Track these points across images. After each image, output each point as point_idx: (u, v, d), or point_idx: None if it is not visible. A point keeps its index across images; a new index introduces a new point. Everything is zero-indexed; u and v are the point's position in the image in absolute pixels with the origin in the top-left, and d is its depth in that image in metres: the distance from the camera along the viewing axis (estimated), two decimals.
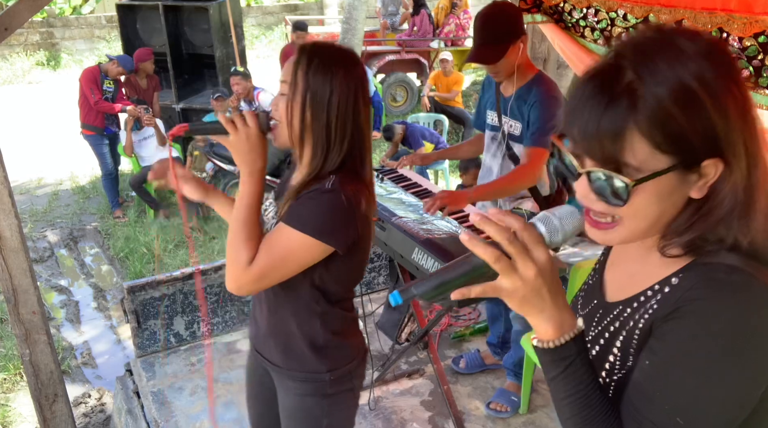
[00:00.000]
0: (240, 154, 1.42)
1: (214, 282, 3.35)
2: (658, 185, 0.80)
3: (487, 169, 2.75)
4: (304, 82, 1.39)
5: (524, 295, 0.84)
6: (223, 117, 1.41)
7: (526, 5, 2.77)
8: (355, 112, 1.42)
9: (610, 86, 0.79)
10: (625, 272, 0.98)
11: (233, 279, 1.43)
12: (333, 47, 1.46)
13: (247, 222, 1.42)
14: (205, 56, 7.07)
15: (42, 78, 11.95)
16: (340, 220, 1.40)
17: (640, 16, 2.29)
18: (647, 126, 0.77)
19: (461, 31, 10.10)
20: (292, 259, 1.41)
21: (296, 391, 1.62)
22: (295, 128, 1.42)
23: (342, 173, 1.43)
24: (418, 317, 2.64)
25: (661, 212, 0.84)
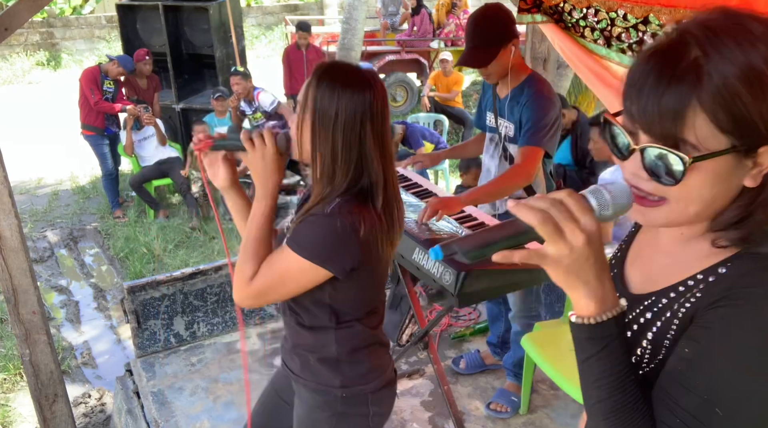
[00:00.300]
0: (256, 172, 1.44)
1: (215, 282, 3.35)
2: (714, 166, 0.78)
3: (486, 170, 2.76)
4: (312, 102, 1.39)
5: (569, 264, 0.80)
6: (245, 134, 1.43)
7: (526, 5, 2.77)
8: (362, 135, 1.39)
9: (674, 62, 0.77)
10: (655, 264, 0.94)
11: (236, 291, 1.47)
12: (347, 68, 1.44)
13: (257, 239, 1.45)
14: (205, 56, 7.07)
15: (42, 78, 11.95)
16: (335, 245, 1.39)
17: (640, 16, 2.29)
18: (711, 103, 0.75)
19: (461, 31, 10.10)
20: (290, 280, 1.43)
21: (309, 401, 1.63)
22: (305, 148, 1.43)
23: (347, 198, 1.41)
24: (419, 317, 2.64)
25: (713, 196, 0.81)
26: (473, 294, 2.06)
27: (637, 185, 0.83)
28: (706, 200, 0.81)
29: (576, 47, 2.72)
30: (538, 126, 2.39)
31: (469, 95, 10.09)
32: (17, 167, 7.45)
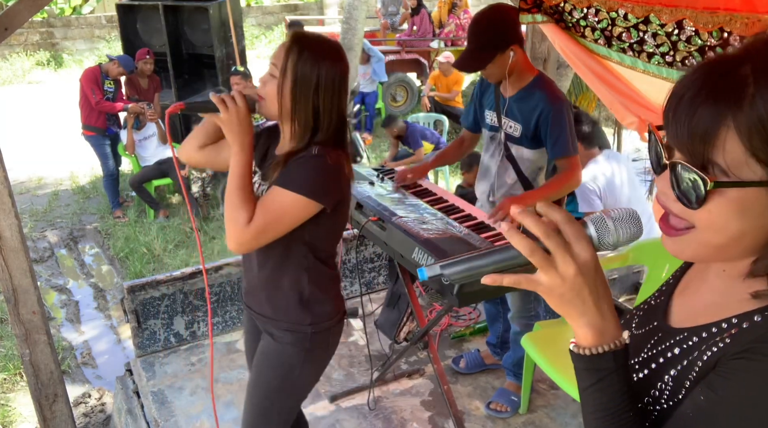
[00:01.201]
0: (231, 129, 1.57)
1: (215, 282, 3.35)
2: (743, 196, 0.72)
3: (485, 168, 2.74)
4: (294, 68, 1.57)
5: (562, 294, 0.78)
6: (215, 96, 1.57)
7: (526, 5, 2.77)
8: (340, 99, 1.63)
9: (718, 76, 0.72)
10: (700, 299, 0.88)
11: (234, 238, 1.59)
12: (322, 39, 1.65)
13: (242, 188, 1.59)
14: (205, 56, 7.07)
15: (42, 78, 11.96)
16: (328, 180, 1.61)
17: (640, 15, 2.29)
18: (747, 127, 0.69)
19: (461, 31, 10.10)
20: (287, 217, 1.59)
21: (279, 339, 1.78)
22: (286, 107, 1.61)
23: (324, 143, 1.62)
24: (418, 317, 2.64)
25: (742, 231, 0.74)
26: (473, 294, 2.06)
27: (665, 204, 0.79)
28: (733, 233, 0.75)
29: (577, 47, 2.72)
30: (570, 134, 2.43)
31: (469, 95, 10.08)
32: (17, 167, 7.46)
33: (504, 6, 2.49)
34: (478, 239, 2.29)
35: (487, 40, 2.39)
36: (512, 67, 2.43)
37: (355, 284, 3.71)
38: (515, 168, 2.59)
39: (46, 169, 7.66)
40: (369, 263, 3.76)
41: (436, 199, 2.67)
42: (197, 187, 6.21)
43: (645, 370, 0.87)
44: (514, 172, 2.59)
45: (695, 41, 2.17)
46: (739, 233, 0.75)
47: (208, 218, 6.15)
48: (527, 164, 2.57)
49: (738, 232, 0.75)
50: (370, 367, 2.83)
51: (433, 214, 2.50)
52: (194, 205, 6.15)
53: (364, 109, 8.60)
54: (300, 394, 1.88)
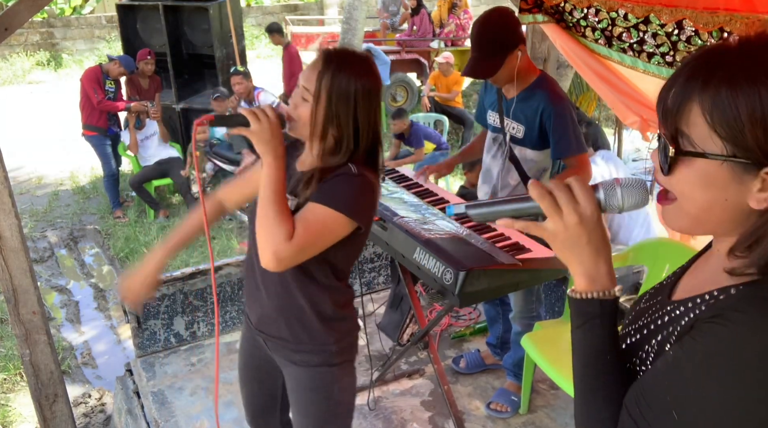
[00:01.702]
0: (263, 141, 1.52)
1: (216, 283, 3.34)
2: (707, 168, 0.80)
3: (486, 169, 2.74)
4: (329, 91, 1.53)
5: (564, 241, 0.89)
6: (246, 109, 1.53)
7: (527, 5, 2.77)
8: (376, 114, 1.60)
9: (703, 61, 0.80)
10: (697, 277, 0.96)
11: (273, 253, 1.51)
12: (351, 54, 1.60)
13: (278, 201, 1.53)
14: (205, 56, 7.07)
15: (42, 78, 11.95)
16: (367, 201, 1.59)
17: (641, 15, 2.29)
18: (710, 105, 0.77)
19: (461, 31, 10.10)
20: (327, 235, 1.55)
21: (306, 363, 1.74)
22: (318, 129, 1.57)
23: (358, 161, 1.59)
24: (419, 317, 2.64)
25: (709, 203, 0.82)
26: (474, 294, 2.06)
27: (657, 178, 0.88)
28: (701, 204, 0.83)
29: (578, 47, 2.72)
30: (575, 134, 2.43)
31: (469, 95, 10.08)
32: (17, 167, 7.46)
33: (503, 9, 2.48)
34: (479, 239, 2.29)
35: (494, 46, 2.39)
36: (520, 66, 2.43)
37: (356, 284, 3.71)
38: (518, 169, 2.58)
39: (46, 169, 7.65)
40: (369, 263, 3.76)
41: (438, 199, 2.67)
42: (197, 187, 6.21)
43: (638, 335, 0.97)
44: (518, 173, 2.59)
45: (695, 41, 2.17)
46: (707, 205, 0.82)
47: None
48: (531, 165, 2.56)
49: (705, 203, 0.82)
50: (370, 367, 2.83)
51: (435, 214, 2.50)
52: (194, 205, 6.14)
53: None
54: (349, 410, 1.85)
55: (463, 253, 2.12)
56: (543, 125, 2.44)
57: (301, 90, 1.58)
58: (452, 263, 2.03)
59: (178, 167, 6.24)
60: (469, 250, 2.17)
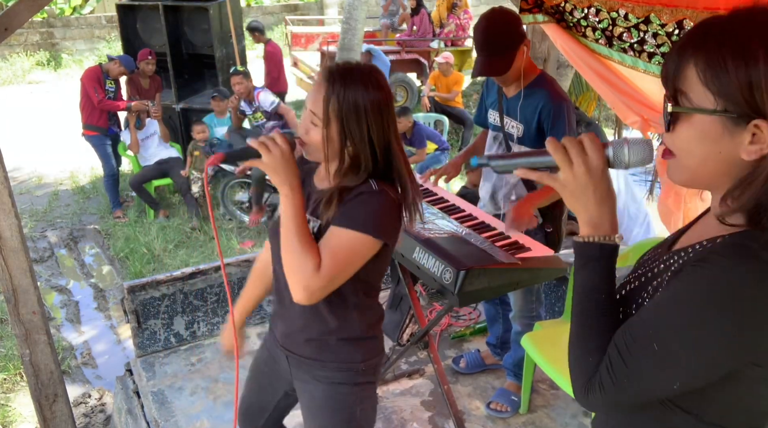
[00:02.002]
0: (278, 172, 1.46)
1: (215, 282, 3.35)
2: (702, 123, 0.88)
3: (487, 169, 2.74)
4: (338, 114, 1.46)
5: (573, 190, 0.99)
6: (255, 141, 1.47)
7: (527, 5, 2.77)
8: (390, 127, 1.52)
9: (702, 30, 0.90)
10: (695, 231, 1.05)
11: (303, 286, 1.46)
12: (355, 68, 1.52)
13: (301, 232, 1.48)
14: (205, 56, 7.06)
15: (42, 78, 11.95)
16: (393, 217, 1.53)
17: (641, 15, 2.29)
18: (703, 63, 0.86)
19: (461, 31, 10.10)
20: (356, 258, 1.50)
21: (329, 380, 1.69)
22: (333, 152, 1.51)
23: (380, 180, 1.53)
24: (419, 317, 2.64)
25: (704, 156, 0.90)
26: (473, 293, 2.06)
27: (664, 138, 0.97)
28: (696, 157, 0.91)
29: (578, 47, 2.72)
30: (569, 132, 2.43)
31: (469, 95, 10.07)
32: (17, 167, 7.46)
33: (504, 8, 2.49)
34: (479, 238, 2.29)
35: (505, 43, 2.40)
36: (524, 64, 2.44)
37: None
38: None
39: (46, 169, 7.66)
40: None
41: (438, 199, 2.67)
42: (197, 187, 6.21)
43: (636, 282, 1.06)
44: None
45: None
46: (703, 158, 0.91)
47: (208, 218, 6.15)
48: None
49: (701, 156, 0.91)
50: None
51: (434, 213, 2.50)
52: (193, 205, 6.15)
53: None
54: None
55: (462, 252, 2.12)
56: (541, 123, 2.45)
57: (309, 114, 1.52)
58: (452, 262, 2.03)
59: (178, 167, 6.24)
60: (469, 249, 2.17)
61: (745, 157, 0.87)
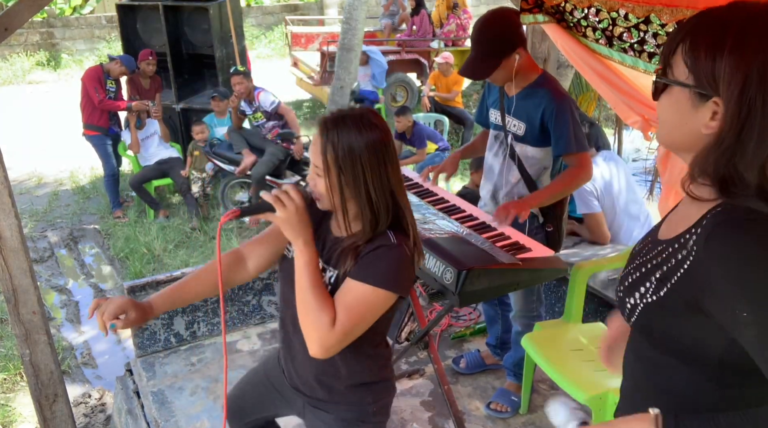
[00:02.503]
0: (292, 226, 1.47)
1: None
2: (676, 95, 1.01)
3: (488, 167, 2.74)
4: (335, 161, 1.46)
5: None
6: (269, 196, 1.47)
7: (527, 5, 2.77)
8: (388, 178, 1.50)
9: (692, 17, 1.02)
10: (676, 215, 1.13)
11: (319, 343, 1.47)
12: (349, 115, 1.50)
13: (316, 287, 1.48)
14: (205, 56, 7.06)
15: (42, 78, 11.95)
16: (408, 271, 1.53)
17: (641, 15, 2.29)
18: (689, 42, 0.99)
19: (462, 31, 10.10)
20: (372, 312, 1.50)
21: (342, 419, 1.71)
22: (337, 203, 1.51)
23: (395, 230, 1.53)
24: (419, 316, 2.64)
25: (675, 124, 1.03)
26: (474, 294, 2.06)
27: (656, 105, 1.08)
28: (669, 124, 1.05)
29: (579, 47, 2.72)
30: (575, 132, 2.43)
31: (469, 95, 10.08)
32: (17, 167, 7.46)
33: (505, 10, 2.49)
34: (479, 238, 2.28)
35: (492, 48, 2.40)
36: (517, 69, 2.44)
37: None
38: (519, 167, 2.59)
39: (46, 169, 7.66)
40: None
41: (438, 199, 2.67)
42: (197, 187, 6.20)
43: (637, 273, 1.12)
44: (518, 170, 2.59)
45: None
46: (673, 126, 1.04)
47: (208, 218, 6.15)
48: (531, 162, 2.57)
49: (672, 124, 1.04)
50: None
51: (435, 214, 2.50)
52: (193, 205, 6.14)
53: None
54: None
55: (463, 252, 2.12)
56: (544, 122, 2.45)
57: (313, 167, 1.52)
58: (452, 262, 2.03)
59: (178, 167, 6.24)
60: (469, 249, 2.17)
61: (704, 131, 0.99)
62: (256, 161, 5.84)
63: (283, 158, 5.93)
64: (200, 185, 6.21)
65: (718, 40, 0.95)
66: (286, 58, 12.20)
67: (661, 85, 1.04)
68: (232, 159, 5.97)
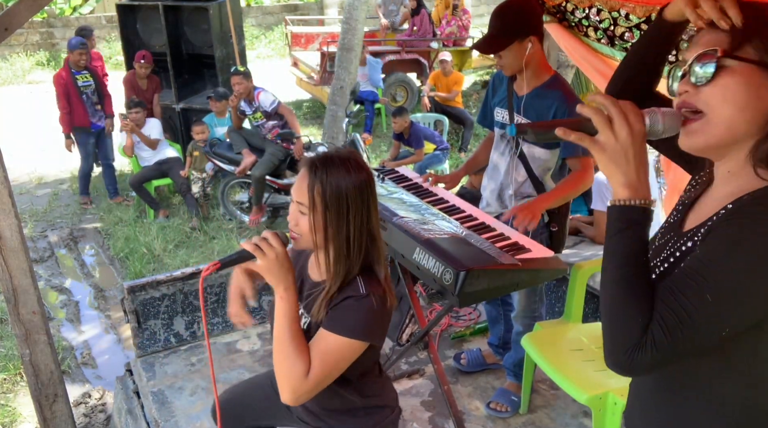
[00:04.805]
0: (273, 274, 1.49)
1: (215, 282, 3.35)
2: (747, 74, 0.96)
3: (493, 166, 2.74)
4: (322, 201, 1.49)
5: (612, 152, 0.99)
6: (249, 245, 1.49)
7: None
8: (369, 219, 1.54)
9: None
10: (705, 207, 1.09)
11: (291, 391, 1.50)
12: (340, 159, 1.53)
13: (294, 335, 1.51)
14: (205, 56, 7.06)
15: (42, 78, 11.94)
16: (380, 320, 1.55)
17: (642, 15, 2.29)
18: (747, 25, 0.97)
19: (464, 32, 10.11)
20: (343, 362, 1.53)
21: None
22: (320, 242, 1.53)
23: (366, 275, 1.55)
24: (419, 317, 2.64)
25: (744, 105, 0.96)
26: (473, 294, 2.06)
27: (686, 100, 1.02)
28: (736, 106, 0.97)
29: (581, 47, 2.72)
30: None
31: (469, 95, 10.08)
32: (17, 167, 7.46)
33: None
34: (478, 239, 2.28)
35: (507, 25, 2.42)
36: (528, 60, 2.44)
37: None
38: (525, 166, 2.59)
39: (46, 169, 7.65)
40: None
41: (437, 199, 2.67)
42: (197, 187, 6.20)
43: (665, 264, 1.08)
44: (525, 170, 2.60)
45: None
46: (741, 107, 0.97)
47: (208, 218, 6.15)
48: (538, 163, 2.58)
49: (741, 105, 0.97)
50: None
51: (434, 214, 2.50)
52: (193, 205, 6.14)
53: (364, 109, 8.60)
54: None
55: (462, 253, 2.12)
56: None
57: (296, 206, 1.55)
58: (452, 263, 2.03)
59: (178, 167, 6.24)
60: (469, 250, 2.17)
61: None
62: (256, 161, 5.84)
63: (283, 158, 5.92)
64: (200, 185, 6.21)
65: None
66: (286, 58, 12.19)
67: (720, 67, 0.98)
68: (232, 159, 5.97)
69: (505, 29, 2.42)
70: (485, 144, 2.91)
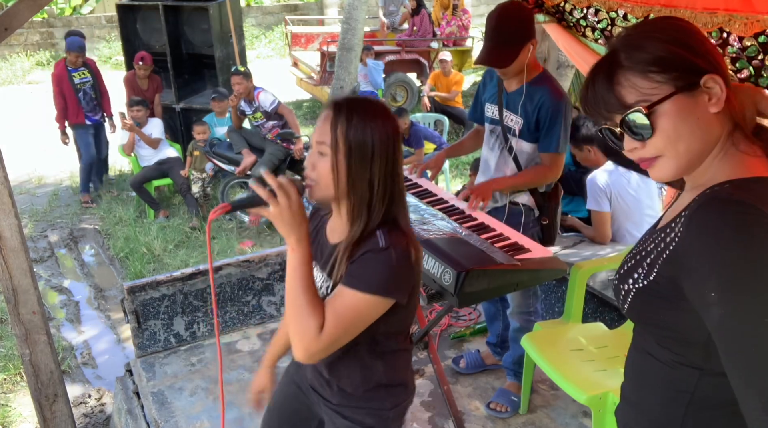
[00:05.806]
0: (285, 222, 1.40)
1: (215, 283, 3.35)
2: (675, 106, 0.99)
3: (484, 161, 2.77)
4: (345, 138, 1.41)
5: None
6: (264, 191, 1.39)
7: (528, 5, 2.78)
8: (395, 165, 1.46)
9: (599, 63, 1.06)
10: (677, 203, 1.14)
11: (304, 348, 1.41)
12: (367, 102, 1.47)
13: (307, 289, 1.42)
14: (205, 56, 7.07)
15: (42, 78, 11.94)
16: (401, 274, 1.44)
17: (640, 16, 2.29)
18: (631, 62, 1.01)
19: (464, 32, 10.11)
20: (361, 320, 1.44)
21: (360, 423, 1.65)
22: (342, 184, 1.43)
23: (387, 227, 1.45)
24: (419, 317, 2.64)
25: (691, 129, 1.00)
26: (473, 294, 2.06)
27: (638, 155, 1.05)
28: (686, 134, 1.01)
29: (579, 47, 2.72)
30: (562, 133, 2.48)
31: (469, 95, 10.08)
32: (17, 166, 7.46)
33: (519, 2, 2.53)
34: (478, 239, 2.29)
35: (514, 36, 2.42)
36: (528, 60, 2.46)
37: None
38: (515, 161, 2.62)
39: (46, 169, 7.66)
40: None
41: (437, 199, 2.67)
42: (197, 187, 6.21)
43: (632, 261, 1.14)
44: (514, 164, 2.62)
45: None
46: (690, 132, 1.01)
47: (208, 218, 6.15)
48: (526, 157, 2.60)
49: (689, 131, 1.01)
50: None
51: (434, 214, 2.50)
52: (194, 205, 6.15)
53: None
54: None
55: (461, 253, 2.12)
56: (540, 120, 2.49)
57: (316, 147, 1.46)
58: (451, 263, 2.03)
59: (178, 167, 6.24)
60: (468, 250, 2.17)
61: (714, 110, 1.00)
62: (256, 161, 5.84)
63: (283, 158, 5.93)
64: (200, 185, 6.21)
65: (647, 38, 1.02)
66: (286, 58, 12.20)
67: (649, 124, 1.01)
68: (231, 159, 5.97)
69: (511, 39, 2.42)
70: (471, 134, 2.94)
